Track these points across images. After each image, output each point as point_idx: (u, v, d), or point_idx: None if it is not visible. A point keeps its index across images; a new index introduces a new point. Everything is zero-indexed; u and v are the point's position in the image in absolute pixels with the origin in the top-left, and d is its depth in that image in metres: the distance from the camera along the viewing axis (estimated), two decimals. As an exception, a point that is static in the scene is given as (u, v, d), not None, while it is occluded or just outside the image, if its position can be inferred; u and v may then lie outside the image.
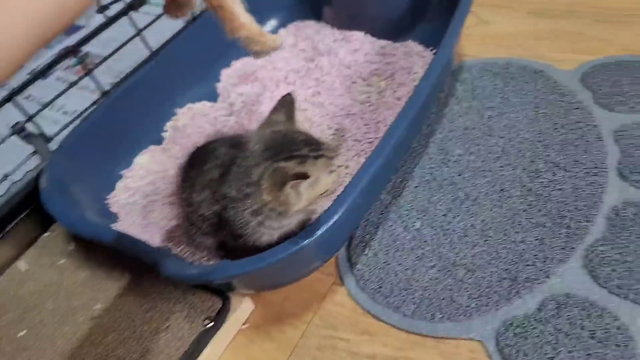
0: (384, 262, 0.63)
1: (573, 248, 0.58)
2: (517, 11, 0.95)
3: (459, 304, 0.57)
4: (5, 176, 0.74)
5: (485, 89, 0.80)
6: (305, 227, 0.53)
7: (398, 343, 0.57)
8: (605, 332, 0.51)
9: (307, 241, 0.51)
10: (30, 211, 0.77)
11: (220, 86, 0.97)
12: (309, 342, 0.59)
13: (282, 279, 0.60)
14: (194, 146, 0.67)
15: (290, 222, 0.55)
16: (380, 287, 0.61)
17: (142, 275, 0.68)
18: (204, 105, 0.94)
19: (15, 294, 0.72)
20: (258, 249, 0.56)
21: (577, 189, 0.63)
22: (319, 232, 0.51)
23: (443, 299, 0.58)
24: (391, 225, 0.67)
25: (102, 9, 0.78)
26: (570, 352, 0.51)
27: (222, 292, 0.63)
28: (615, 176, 0.64)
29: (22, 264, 0.76)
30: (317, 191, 0.51)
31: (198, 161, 0.60)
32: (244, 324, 0.63)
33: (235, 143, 0.59)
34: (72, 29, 1.21)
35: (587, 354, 0.50)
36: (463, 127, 0.75)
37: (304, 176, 0.48)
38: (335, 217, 0.52)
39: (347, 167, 0.73)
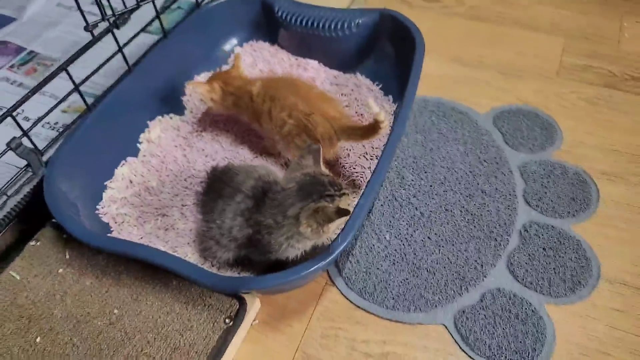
0: (365, 267, 0.80)
1: (499, 255, 0.81)
2: (441, 56, 1.17)
3: (427, 299, 0.76)
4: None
5: (425, 124, 1.01)
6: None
7: (384, 330, 0.74)
8: (524, 314, 0.75)
9: (331, 257, 0.65)
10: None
11: (185, 99, 1.04)
12: (314, 333, 0.74)
13: (295, 286, 0.73)
14: (211, 171, 0.76)
15: (310, 244, 0.69)
16: (365, 287, 0.78)
17: (152, 280, 0.76)
18: (173, 119, 1.00)
19: (13, 303, 0.74)
20: (282, 263, 0.69)
21: (499, 211, 0.86)
22: (339, 250, 0.66)
23: (414, 294, 0.77)
24: (367, 237, 0.84)
25: (90, 27, 0.80)
26: (503, 328, 0.73)
27: (237, 295, 0.74)
28: (522, 201, 0.88)
29: (12, 274, 0.77)
30: (342, 222, 0.65)
31: (226, 192, 0.69)
32: (254, 321, 0.75)
33: (259, 176, 0.70)
34: (3, 20, 1.15)
35: (514, 329, 0.73)
36: (412, 156, 0.95)
37: (347, 212, 0.62)
38: (348, 239, 0.67)
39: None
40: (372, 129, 0.76)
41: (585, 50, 1.16)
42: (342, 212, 0.61)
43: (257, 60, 1.11)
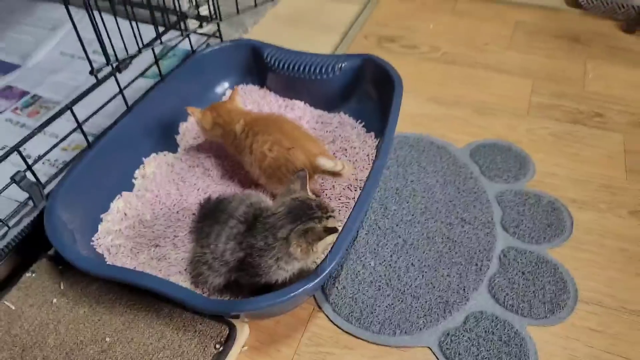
0: (352, 293, 0.83)
1: (481, 279, 0.85)
2: (420, 96, 1.24)
3: (412, 322, 0.79)
4: (0, 221, 0.77)
5: (406, 158, 1.06)
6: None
7: (371, 353, 0.76)
8: (507, 336, 0.77)
9: (319, 278, 0.68)
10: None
11: (179, 138, 1.09)
12: (302, 358, 0.76)
13: (286, 308, 0.76)
14: (205, 201, 0.80)
15: (297, 266, 0.72)
16: (352, 312, 0.81)
17: (144, 308, 0.78)
18: (167, 156, 1.05)
19: (7, 332, 0.75)
20: (270, 286, 0.72)
21: (479, 237, 0.91)
22: (327, 271, 0.69)
23: (400, 318, 0.80)
24: (352, 265, 0.87)
25: (96, 71, 0.86)
26: (487, 350, 0.76)
27: (227, 320, 0.76)
28: (500, 228, 0.93)
29: (8, 304, 0.78)
30: (330, 242, 0.69)
31: (221, 218, 0.74)
32: (243, 346, 0.77)
33: (251, 203, 0.74)
34: (8, 66, 1.21)
35: (498, 351, 0.76)
36: (394, 188, 1.00)
37: (335, 230, 0.66)
38: (334, 262, 0.70)
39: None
40: (337, 174, 0.83)
41: (552, 90, 1.24)
42: (330, 230, 0.66)
43: (246, 102, 1.17)
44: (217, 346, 0.73)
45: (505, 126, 1.15)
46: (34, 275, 0.82)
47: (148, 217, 0.93)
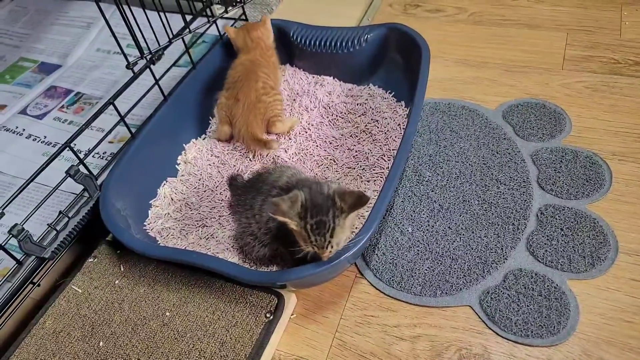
0: (391, 259, 0.86)
1: (519, 238, 0.86)
2: (447, 60, 1.24)
3: (452, 283, 0.82)
4: (61, 213, 0.84)
5: (438, 124, 1.07)
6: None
7: (413, 314, 0.80)
8: (547, 291, 0.79)
9: (357, 247, 0.71)
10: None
11: (215, 121, 1.13)
12: (348, 322, 0.80)
13: (328, 277, 0.80)
14: (250, 174, 0.85)
15: None
16: (393, 277, 0.84)
17: (197, 284, 0.83)
18: (206, 140, 1.10)
19: (77, 313, 0.83)
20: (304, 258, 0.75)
21: (515, 197, 0.91)
22: (365, 239, 0.72)
23: (440, 280, 0.82)
24: (390, 231, 0.90)
25: (131, 65, 0.91)
26: (528, 305, 0.78)
27: (275, 291, 0.80)
28: (536, 187, 0.93)
29: (75, 288, 0.86)
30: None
31: (263, 189, 0.78)
32: (292, 314, 0.81)
33: (292, 174, 0.78)
34: (50, 67, 1.28)
35: (538, 305, 0.77)
36: (428, 154, 1.01)
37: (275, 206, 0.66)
38: (371, 231, 0.73)
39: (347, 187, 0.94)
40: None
41: (587, 42, 1.20)
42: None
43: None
44: (268, 315, 0.78)
45: (537, 83, 1.13)
46: (95, 260, 0.89)
47: (193, 200, 0.98)
